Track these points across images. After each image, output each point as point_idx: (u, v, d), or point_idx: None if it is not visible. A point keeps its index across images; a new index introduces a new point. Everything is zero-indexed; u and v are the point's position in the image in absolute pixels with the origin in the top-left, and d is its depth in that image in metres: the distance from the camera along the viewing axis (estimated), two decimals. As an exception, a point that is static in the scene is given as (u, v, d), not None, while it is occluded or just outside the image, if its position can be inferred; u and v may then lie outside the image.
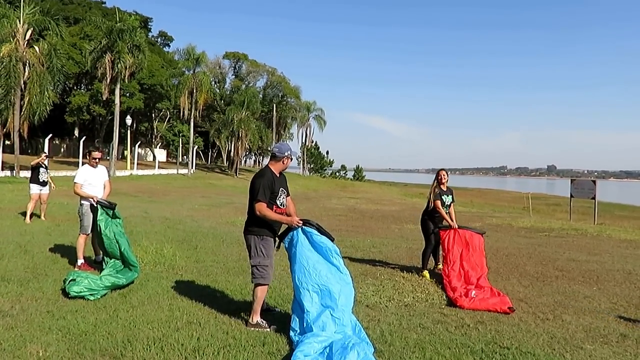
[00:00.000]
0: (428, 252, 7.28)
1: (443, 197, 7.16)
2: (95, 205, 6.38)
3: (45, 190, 11.45)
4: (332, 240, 4.44)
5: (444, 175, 7.22)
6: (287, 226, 4.55)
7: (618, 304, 5.95)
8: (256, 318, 4.60)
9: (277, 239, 4.63)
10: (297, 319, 4.24)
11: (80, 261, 6.79)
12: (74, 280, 5.39)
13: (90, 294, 5.30)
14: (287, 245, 4.50)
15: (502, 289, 6.46)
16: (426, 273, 7.08)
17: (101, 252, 6.55)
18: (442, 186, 7.21)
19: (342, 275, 4.31)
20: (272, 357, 3.91)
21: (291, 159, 4.78)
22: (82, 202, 6.85)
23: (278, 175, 4.70)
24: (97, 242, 6.68)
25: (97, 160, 6.96)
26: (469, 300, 5.73)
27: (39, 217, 11.41)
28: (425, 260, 7.26)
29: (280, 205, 4.66)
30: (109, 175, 7.06)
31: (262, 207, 4.45)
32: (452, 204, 7.32)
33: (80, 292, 5.27)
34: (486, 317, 5.23)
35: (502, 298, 5.72)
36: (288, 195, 4.82)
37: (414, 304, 5.67)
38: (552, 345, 4.46)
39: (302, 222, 4.40)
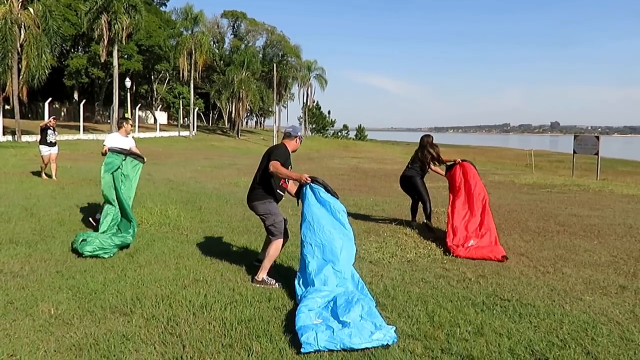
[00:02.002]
0: (429, 205, 7.52)
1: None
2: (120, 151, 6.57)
3: (54, 150, 12.05)
4: (337, 198, 4.52)
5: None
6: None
7: (618, 257, 6.03)
8: (263, 275, 4.69)
9: (296, 198, 4.79)
10: (301, 274, 4.35)
11: (99, 215, 6.83)
12: (85, 240, 5.49)
13: (104, 253, 5.43)
14: (299, 204, 4.65)
15: (504, 244, 6.54)
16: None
17: (98, 212, 6.79)
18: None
19: (346, 232, 4.40)
20: (277, 312, 4.01)
21: (302, 140, 5.07)
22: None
23: (290, 154, 4.89)
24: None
25: (128, 127, 7.72)
26: (465, 249, 5.99)
27: (50, 177, 11.94)
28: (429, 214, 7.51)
29: (287, 181, 4.91)
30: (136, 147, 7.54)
31: (277, 165, 4.59)
32: None
33: (94, 251, 5.40)
34: (487, 271, 5.31)
35: (496, 247, 6.02)
36: None
37: (416, 259, 5.76)
38: (552, 297, 4.54)
39: (310, 179, 4.50)
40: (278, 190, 4.91)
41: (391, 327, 3.59)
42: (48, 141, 11.90)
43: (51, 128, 12.08)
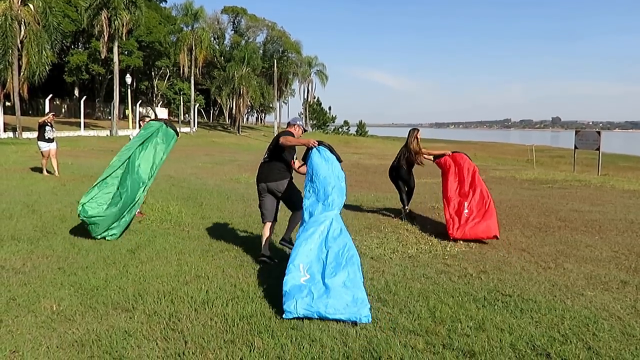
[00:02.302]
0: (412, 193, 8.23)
1: None
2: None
3: (53, 146, 12.15)
4: (340, 161, 5.04)
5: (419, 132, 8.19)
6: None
7: (619, 252, 6.03)
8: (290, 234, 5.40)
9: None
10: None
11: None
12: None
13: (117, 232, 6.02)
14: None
15: (505, 240, 6.56)
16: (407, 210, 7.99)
17: None
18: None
19: (340, 180, 4.88)
20: (279, 308, 4.01)
21: (304, 130, 5.72)
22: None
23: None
24: None
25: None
26: (460, 228, 6.48)
27: (52, 173, 12.03)
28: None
29: (295, 159, 5.55)
30: None
31: (287, 137, 5.31)
32: None
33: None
34: (489, 267, 5.32)
35: (490, 223, 6.45)
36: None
37: (417, 255, 5.76)
38: (554, 292, 4.55)
39: (317, 142, 5.06)
40: None
41: (368, 305, 3.83)
42: (46, 137, 12.01)
43: (49, 124, 12.17)
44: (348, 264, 4.13)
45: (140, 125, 7.93)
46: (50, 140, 12.06)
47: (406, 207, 8.03)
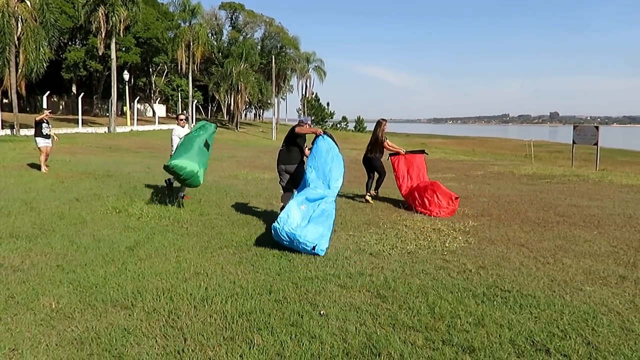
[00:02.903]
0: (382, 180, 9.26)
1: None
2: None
3: (49, 142, 12.42)
4: (339, 148, 6.67)
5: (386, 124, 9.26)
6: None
7: (618, 247, 6.04)
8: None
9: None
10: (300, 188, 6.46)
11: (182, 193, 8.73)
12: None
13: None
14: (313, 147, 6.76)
15: (504, 235, 6.57)
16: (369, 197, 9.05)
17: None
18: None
19: (338, 159, 6.55)
20: (279, 304, 4.01)
21: (309, 125, 7.32)
22: (174, 144, 9.10)
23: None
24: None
25: (184, 121, 9.49)
26: (425, 208, 7.99)
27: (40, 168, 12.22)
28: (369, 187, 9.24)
29: (306, 147, 7.09)
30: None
31: (302, 127, 7.01)
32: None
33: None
34: (488, 262, 5.32)
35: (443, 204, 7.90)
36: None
37: (416, 251, 5.76)
38: (552, 287, 4.55)
39: (322, 132, 6.72)
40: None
41: (327, 244, 5.54)
42: (44, 134, 12.23)
43: (46, 121, 12.34)
44: (327, 220, 5.85)
45: (178, 123, 9.43)
46: (47, 137, 12.28)
47: (370, 192, 9.15)
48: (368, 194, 9.11)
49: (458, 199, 8.08)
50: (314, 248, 5.31)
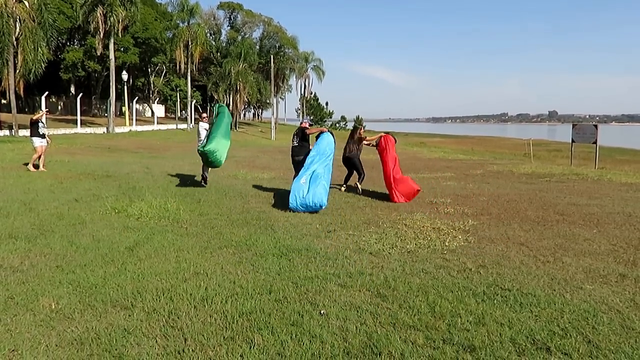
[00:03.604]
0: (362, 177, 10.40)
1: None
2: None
3: (45, 142, 12.53)
4: (335, 142, 9.10)
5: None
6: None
7: (617, 246, 6.04)
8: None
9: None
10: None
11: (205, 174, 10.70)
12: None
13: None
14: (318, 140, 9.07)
15: (504, 234, 6.57)
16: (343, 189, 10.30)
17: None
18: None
19: (330, 148, 8.91)
20: (279, 304, 4.01)
21: (309, 124, 10.15)
22: (200, 137, 10.74)
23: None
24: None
25: (206, 117, 11.30)
26: (399, 196, 9.17)
27: (38, 167, 12.34)
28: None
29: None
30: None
31: (310, 129, 9.66)
32: None
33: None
34: (488, 261, 5.32)
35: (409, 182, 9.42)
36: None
37: (416, 250, 5.76)
38: (553, 286, 4.55)
39: (326, 130, 9.29)
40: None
41: (326, 202, 7.97)
42: (40, 133, 12.35)
43: (41, 121, 12.51)
44: (320, 179, 8.20)
45: (202, 120, 11.14)
46: (43, 137, 12.41)
47: (346, 184, 10.55)
48: (344, 185, 10.55)
49: (419, 191, 9.37)
50: (321, 207, 7.87)
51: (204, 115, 11.74)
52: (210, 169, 10.78)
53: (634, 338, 3.49)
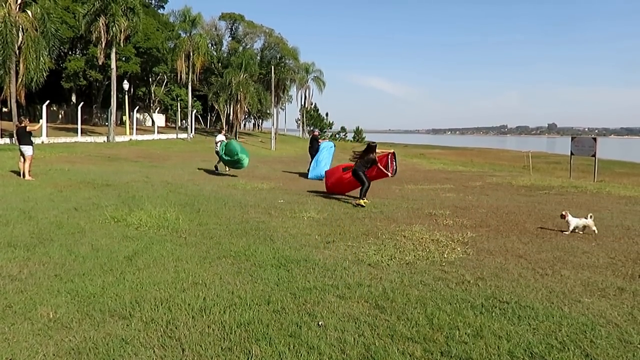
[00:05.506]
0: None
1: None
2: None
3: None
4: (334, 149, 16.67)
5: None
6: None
7: (616, 259, 6.04)
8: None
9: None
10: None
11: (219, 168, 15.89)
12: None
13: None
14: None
15: (502, 246, 6.58)
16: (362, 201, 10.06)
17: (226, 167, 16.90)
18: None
19: (328, 153, 16.57)
20: (277, 315, 4.01)
21: (318, 133, 19.83)
22: (218, 147, 16.56)
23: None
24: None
25: (226, 132, 17.49)
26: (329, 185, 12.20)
27: (24, 175, 12.61)
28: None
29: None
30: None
31: (320, 140, 17.47)
32: None
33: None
34: (486, 274, 5.32)
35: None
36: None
37: (415, 262, 5.76)
38: (551, 299, 4.55)
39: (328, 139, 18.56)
40: None
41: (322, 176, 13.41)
42: (33, 142, 13.07)
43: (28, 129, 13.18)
44: (320, 161, 16.03)
45: (224, 134, 17.57)
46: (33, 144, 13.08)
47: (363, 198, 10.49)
48: (363, 199, 10.23)
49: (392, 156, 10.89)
50: (322, 177, 13.33)
51: (223, 132, 18.78)
52: (233, 170, 16.74)
53: (632, 352, 3.49)
